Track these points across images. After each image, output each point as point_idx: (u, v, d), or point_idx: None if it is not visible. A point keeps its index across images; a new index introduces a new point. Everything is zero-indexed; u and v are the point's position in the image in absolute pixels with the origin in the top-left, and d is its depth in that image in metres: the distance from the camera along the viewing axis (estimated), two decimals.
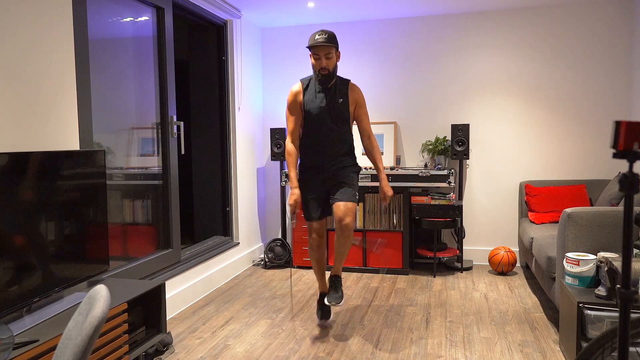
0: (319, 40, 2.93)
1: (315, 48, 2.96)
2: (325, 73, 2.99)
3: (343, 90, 3.10)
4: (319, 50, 2.96)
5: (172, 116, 3.60)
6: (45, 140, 2.45)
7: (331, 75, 3.02)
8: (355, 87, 3.15)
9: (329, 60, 2.97)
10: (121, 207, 3.17)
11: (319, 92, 3.08)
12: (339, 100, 3.07)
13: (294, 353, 2.86)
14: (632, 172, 1.12)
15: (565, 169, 4.56)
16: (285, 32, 5.06)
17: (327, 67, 2.98)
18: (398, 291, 3.97)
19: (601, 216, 2.85)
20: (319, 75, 3.02)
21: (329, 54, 2.96)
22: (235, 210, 4.54)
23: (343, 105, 3.08)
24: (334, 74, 3.04)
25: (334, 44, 2.96)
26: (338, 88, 3.09)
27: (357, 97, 3.13)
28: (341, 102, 3.08)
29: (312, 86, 3.11)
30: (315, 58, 2.99)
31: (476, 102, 4.69)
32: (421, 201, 4.42)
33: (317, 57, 2.98)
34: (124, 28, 3.19)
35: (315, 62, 3.00)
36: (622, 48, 4.37)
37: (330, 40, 2.95)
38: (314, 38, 2.96)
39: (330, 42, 2.94)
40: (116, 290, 2.55)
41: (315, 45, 2.94)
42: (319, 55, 2.97)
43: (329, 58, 2.97)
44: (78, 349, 1.11)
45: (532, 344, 2.93)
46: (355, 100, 3.13)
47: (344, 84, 3.12)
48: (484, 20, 4.61)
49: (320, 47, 2.95)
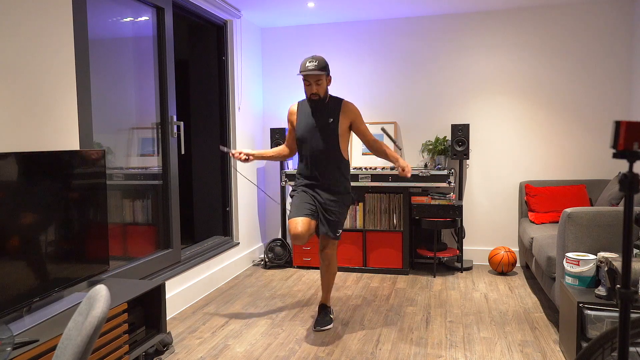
0: (310, 67, 3.05)
1: (306, 75, 3.07)
2: (315, 98, 3.12)
3: (335, 110, 3.16)
4: (310, 78, 3.08)
5: (172, 116, 3.60)
6: (45, 140, 2.45)
7: (321, 100, 3.14)
8: (348, 105, 3.19)
9: (319, 86, 3.10)
10: (121, 207, 3.17)
11: (310, 114, 3.19)
12: (329, 120, 3.14)
13: (294, 353, 2.86)
14: (632, 172, 1.12)
15: (565, 169, 4.56)
16: (285, 32, 5.06)
17: (317, 92, 3.10)
18: (398, 291, 3.97)
19: (601, 216, 2.85)
20: (309, 101, 3.16)
21: (319, 80, 3.08)
22: (235, 210, 4.54)
23: (333, 125, 3.14)
24: (324, 99, 3.16)
25: (324, 71, 3.08)
26: (330, 108, 3.17)
27: (351, 114, 3.17)
28: (331, 122, 3.14)
29: (305, 107, 3.22)
30: (306, 84, 3.11)
31: (476, 102, 4.69)
32: (421, 201, 4.42)
33: (308, 83, 3.10)
34: (124, 28, 3.19)
35: (306, 87, 3.12)
36: (622, 48, 4.37)
37: (320, 68, 3.07)
38: (304, 65, 3.07)
39: (321, 70, 3.06)
40: (116, 290, 2.55)
41: (306, 73, 3.06)
42: (310, 81, 3.09)
43: (319, 84, 3.09)
44: (78, 349, 1.11)
45: (532, 344, 2.93)
46: (350, 118, 3.18)
47: (336, 104, 3.18)
48: (484, 20, 4.61)
49: (310, 75, 3.06)
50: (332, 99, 3.19)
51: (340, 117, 3.15)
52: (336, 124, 3.14)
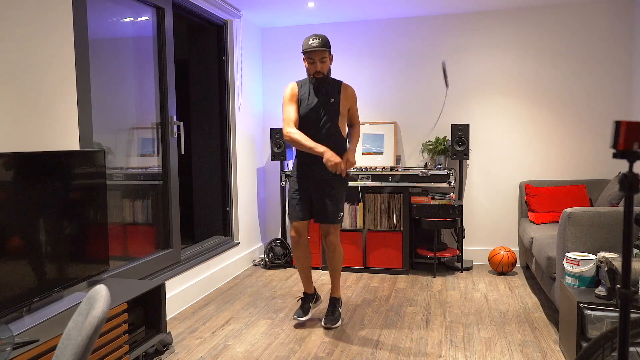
0: (314, 44, 3.01)
1: (309, 53, 3.03)
2: (319, 77, 3.08)
3: (335, 90, 3.16)
4: (314, 55, 3.03)
5: (172, 116, 3.60)
6: (45, 140, 2.45)
7: (325, 78, 3.11)
8: (348, 88, 3.20)
9: (323, 64, 3.06)
10: (121, 207, 3.17)
11: (312, 94, 3.15)
12: (331, 100, 3.13)
13: (294, 353, 2.86)
14: (632, 172, 1.12)
15: (565, 169, 4.56)
16: (285, 32, 5.06)
17: (321, 70, 3.07)
18: (398, 291, 3.97)
19: (601, 216, 2.85)
20: (313, 79, 3.11)
21: (323, 58, 3.05)
22: (235, 210, 4.54)
23: (334, 105, 3.14)
24: (327, 77, 3.13)
25: (327, 48, 3.05)
26: (331, 89, 3.16)
27: (351, 98, 3.20)
28: (332, 101, 3.14)
29: (306, 88, 3.19)
30: (310, 62, 3.07)
31: (476, 102, 4.69)
32: (421, 201, 4.42)
33: (312, 61, 3.06)
34: (124, 28, 3.19)
35: (309, 66, 3.08)
36: (622, 48, 4.37)
37: (324, 45, 3.03)
38: (308, 43, 3.03)
39: (324, 47, 3.03)
40: (116, 290, 2.55)
41: (310, 50, 3.01)
42: (314, 59, 3.05)
43: (323, 62, 3.06)
44: (78, 349, 1.11)
45: (532, 344, 2.93)
46: (349, 101, 3.19)
47: (336, 85, 3.18)
48: (484, 20, 4.61)
49: (314, 52, 3.02)
50: (332, 81, 3.19)
51: (341, 98, 3.15)
52: (337, 104, 3.14)
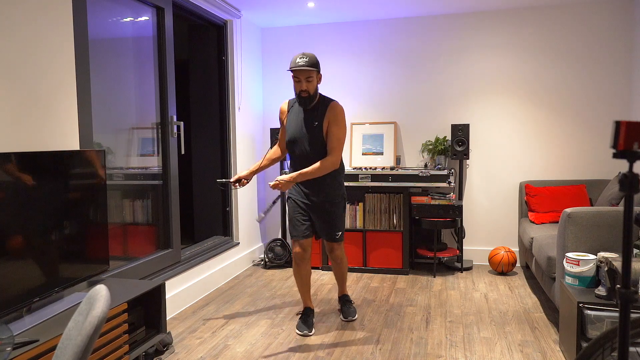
0: (300, 63, 2.97)
1: (296, 71, 2.99)
2: (304, 96, 3.03)
3: (322, 112, 3.08)
4: (300, 74, 2.99)
5: (172, 116, 3.60)
6: (45, 140, 2.45)
7: (311, 98, 3.04)
8: (335, 107, 3.07)
9: (309, 84, 3.01)
10: (121, 207, 3.17)
11: (299, 114, 3.12)
12: (314, 124, 3.07)
13: (294, 353, 2.86)
14: (632, 172, 1.12)
15: (565, 169, 4.56)
16: (285, 32, 5.06)
17: (307, 89, 3.01)
18: (398, 291, 3.97)
19: (601, 216, 2.85)
20: (298, 98, 3.06)
21: (309, 77, 3.00)
22: (235, 210, 4.54)
23: (317, 129, 3.06)
24: (314, 97, 3.06)
25: (314, 67, 2.99)
26: (318, 110, 3.08)
27: (332, 115, 3.06)
28: (316, 125, 3.06)
29: (295, 107, 3.15)
30: (296, 81, 3.02)
31: (476, 102, 4.69)
32: (421, 201, 4.42)
33: (298, 80, 3.01)
34: (124, 28, 3.19)
35: (296, 84, 3.04)
36: (622, 48, 4.37)
37: (311, 64, 2.98)
38: (295, 61, 2.99)
39: (311, 66, 2.98)
40: (116, 290, 2.55)
41: (296, 69, 2.98)
42: (300, 78, 3.00)
43: (309, 81, 3.01)
44: (78, 349, 1.11)
45: (532, 344, 2.93)
46: (328, 118, 3.06)
47: (324, 105, 3.09)
48: (484, 20, 4.61)
49: (300, 71, 2.98)
50: (322, 100, 3.10)
51: (324, 119, 3.07)
52: (320, 127, 3.06)
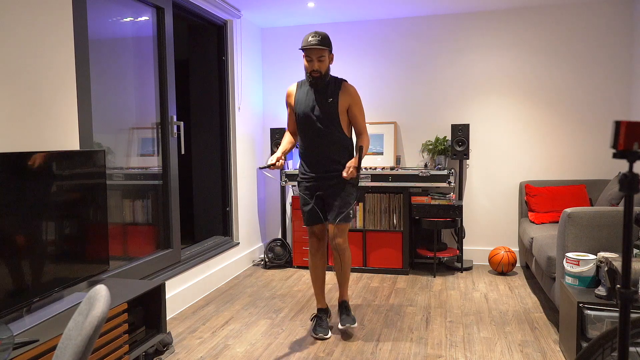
0: (312, 42, 2.90)
1: (307, 50, 2.93)
2: (316, 75, 2.96)
3: (335, 90, 3.03)
4: (312, 53, 2.93)
5: (172, 116, 3.60)
6: (45, 140, 2.45)
7: (322, 77, 2.98)
8: (348, 87, 3.05)
9: (321, 63, 2.94)
10: (121, 207, 3.17)
11: (310, 93, 3.05)
12: (329, 100, 3.01)
13: (294, 353, 2.86)
14: (632, 172, 1.12)
15: (565, 169, 4.56)
16: (285, 32, 5.06)
17: (319, 69, 2.95)
18: (398, 291, 3.97)
19: (601, 216, 2.85)
20: (310, 77, 3.00)
21: (321, 56, 2.94)
22: (235, 210, 4.54)
23: (332, 105, 3.00)
24: (325, 76, 3.00)
25: (327, 46, 2.93)
26: (330, 89, 3.03)
27: (349, 96, 3.04)
28: (330, 101, 3.00)
29: (305, 87, 3.08)
30: (308, 60, 2.96)
31: (476, 102, 4.69)
32: (421, 201, 4.42)
33: (310, 59, 2.94)
34: (124, 28, 3.18)
35: (307, 64, 2.97)
36: (622, 48, 4.37)
37: (323, 43, 2.92)
38: (307, 40, 2.92)
39: (323, 45, 2.91)
40: (116, 290, 2.55)
41: (308, 48, 2.91)
42: (312, 57, 2.93)
43: (321, 60, 2.94)
44: (78, 349, 1.11)
45: (532, 344, 2.93)
46: (348, 100, 3.03)
47: (337, 84, 3.05)
48: (484, 20, 4.61)
49: (313, 50, 2.92)
50: (332, 79, 3.06)
51: (340, 96, 3.01)
52: (335, 103, 3.00)
